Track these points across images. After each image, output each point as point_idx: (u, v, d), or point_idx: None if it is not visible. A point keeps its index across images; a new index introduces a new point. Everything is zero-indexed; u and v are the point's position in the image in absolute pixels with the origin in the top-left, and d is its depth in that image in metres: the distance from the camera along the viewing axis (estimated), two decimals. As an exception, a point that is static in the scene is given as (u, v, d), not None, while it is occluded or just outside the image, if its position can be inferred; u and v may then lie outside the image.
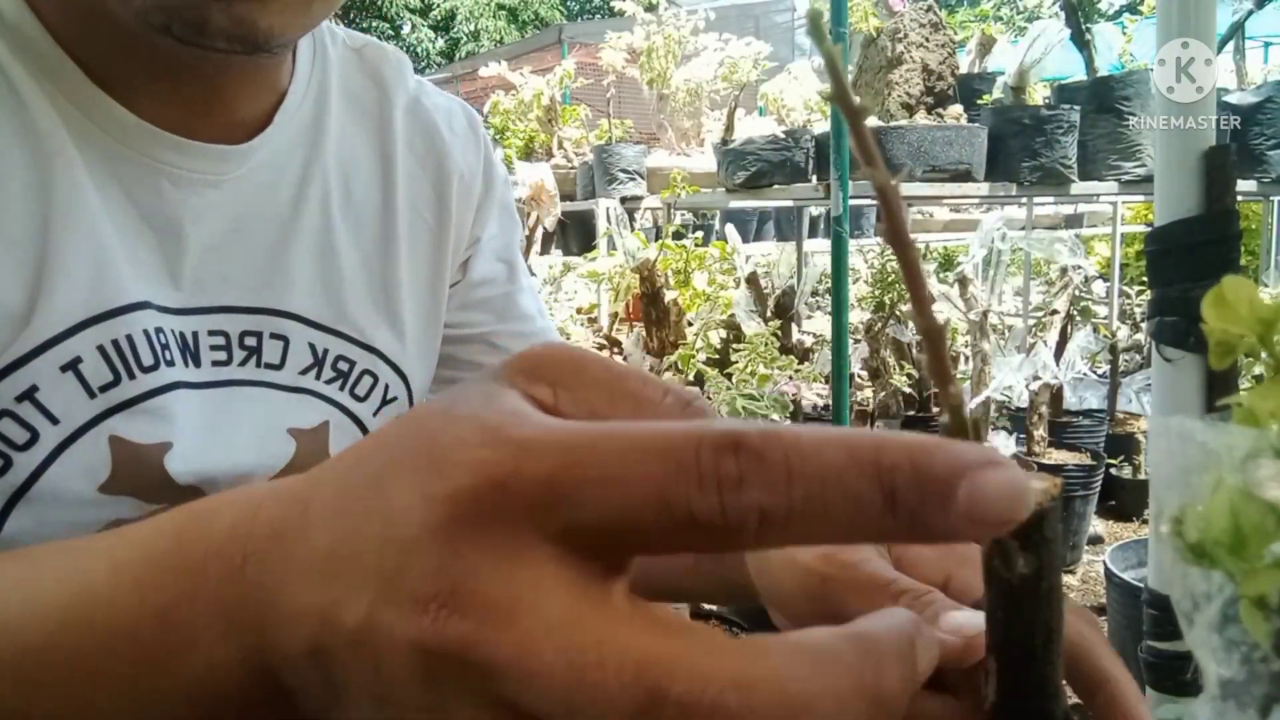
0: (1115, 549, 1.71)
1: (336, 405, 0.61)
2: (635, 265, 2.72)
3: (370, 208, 0.64)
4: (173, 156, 0.54)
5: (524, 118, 4.93)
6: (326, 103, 0.62)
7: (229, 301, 0.57)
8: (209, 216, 0.56)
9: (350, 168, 0.63)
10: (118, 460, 0.51)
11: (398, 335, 0.65)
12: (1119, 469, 2.84)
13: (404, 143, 0.66)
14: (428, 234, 0.66)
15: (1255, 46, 7.13)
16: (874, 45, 2.97)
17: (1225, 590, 0.21)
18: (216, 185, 0.56)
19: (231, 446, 0.56)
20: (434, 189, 0.67)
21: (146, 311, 0.53)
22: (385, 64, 0.67)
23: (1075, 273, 2.72)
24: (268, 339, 0.59)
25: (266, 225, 0.59)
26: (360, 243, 0.63)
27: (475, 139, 0.71)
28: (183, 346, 0.55)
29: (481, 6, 17.34)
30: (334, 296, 0.61)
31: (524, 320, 0.74)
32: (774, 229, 7.17)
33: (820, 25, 0.21)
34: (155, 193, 0.54)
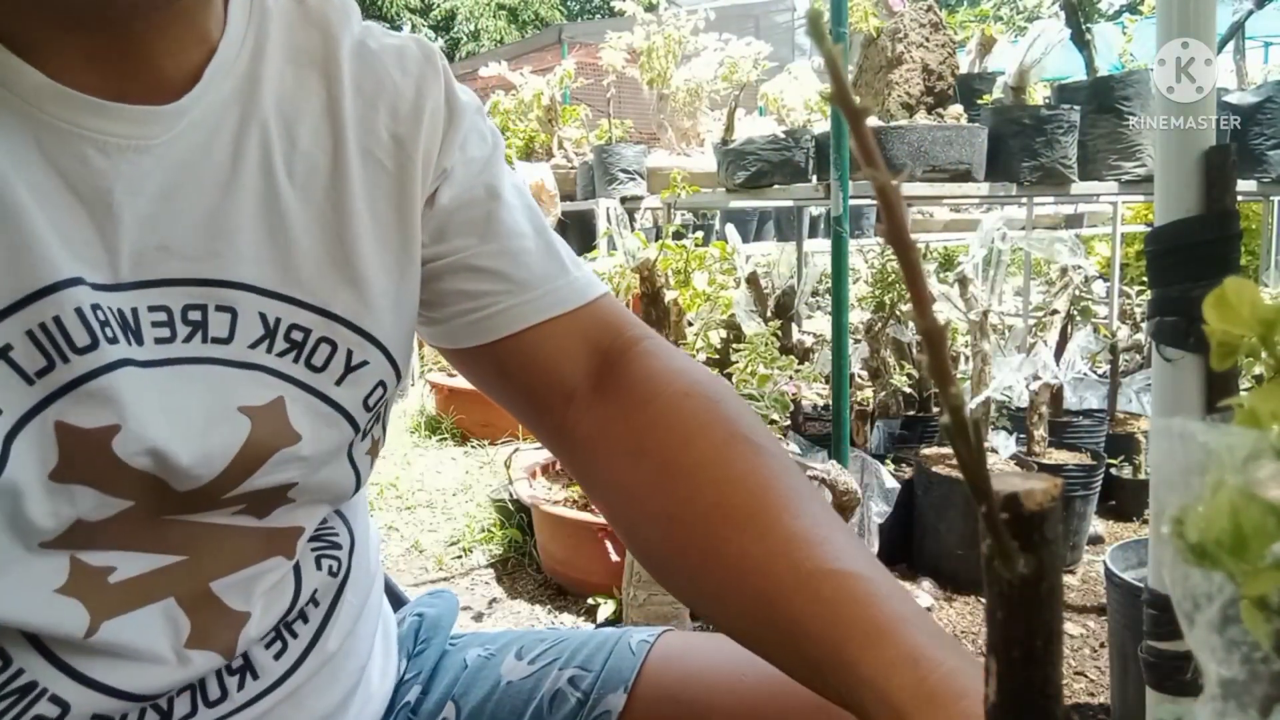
0: (1115, 549, 1.71)
1: (289, 379, 0.58)
2: (635, 265, 2.72)
3: (319, 160, 0.59)
4: (97, 122, 0.50)
5: (524, 118, 4.93)
6: (263, 55, 0.58)
7: (171, 274, 0.54)
8: (141, 185, 0.52)
9: (294, 120, 0.59)
10: (65, 447, 0.49)
11: (359, 295, 0.60)
12: (1119, 469, 2.84)
13: (351, 87, 0.61)
14: (387, 179, 0.62)
15: (1255, 46, 7.13)
16: (874, 45, 2.97)
17: (1226, 591, 0.21)
18: (146, 150, 0.52)
19: (180, 428, 0.53)
20: (389, 131, 0.62)
21: (78, 289, 0.49)
22: (329, 9, 0.63)
23: (1075, 273, 2.72)
24: (213, 312, 0.55)
25: (203, 190, 0.55)
26: (310, 199, 0.59)
27: (433, 71, 0.66)
28: (123, 324, 0.52)
29: (481, 6, 17.33)
30: (283, 260, 0.57)
31: (513, 237, 0.67)
32: (774, 229, 7.17)
33: (820, 25, 0.21)
34: (81, 162, 0.50)
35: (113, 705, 0.54)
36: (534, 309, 0.66)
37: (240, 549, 0.59)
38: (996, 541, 0.22)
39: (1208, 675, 0.22)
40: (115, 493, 0.52)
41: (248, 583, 0.59)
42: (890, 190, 0.20)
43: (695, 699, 0.65)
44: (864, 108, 0.20)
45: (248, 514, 0.59)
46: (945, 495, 2.39)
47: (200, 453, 0.53)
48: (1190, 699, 0.83)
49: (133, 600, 0.54)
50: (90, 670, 0.53)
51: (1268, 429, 0.22)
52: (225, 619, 0.58)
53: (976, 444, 0.21)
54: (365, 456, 0.66)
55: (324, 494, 0.63)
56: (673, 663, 0.68)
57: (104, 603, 0.53)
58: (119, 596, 0.54)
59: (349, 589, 0.67)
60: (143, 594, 0.55)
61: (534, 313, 0.66)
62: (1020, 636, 0.23)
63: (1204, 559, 0.21)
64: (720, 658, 0.67)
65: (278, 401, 0.57)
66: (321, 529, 0.66)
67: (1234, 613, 0.22)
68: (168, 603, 0.56)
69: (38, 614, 0.51)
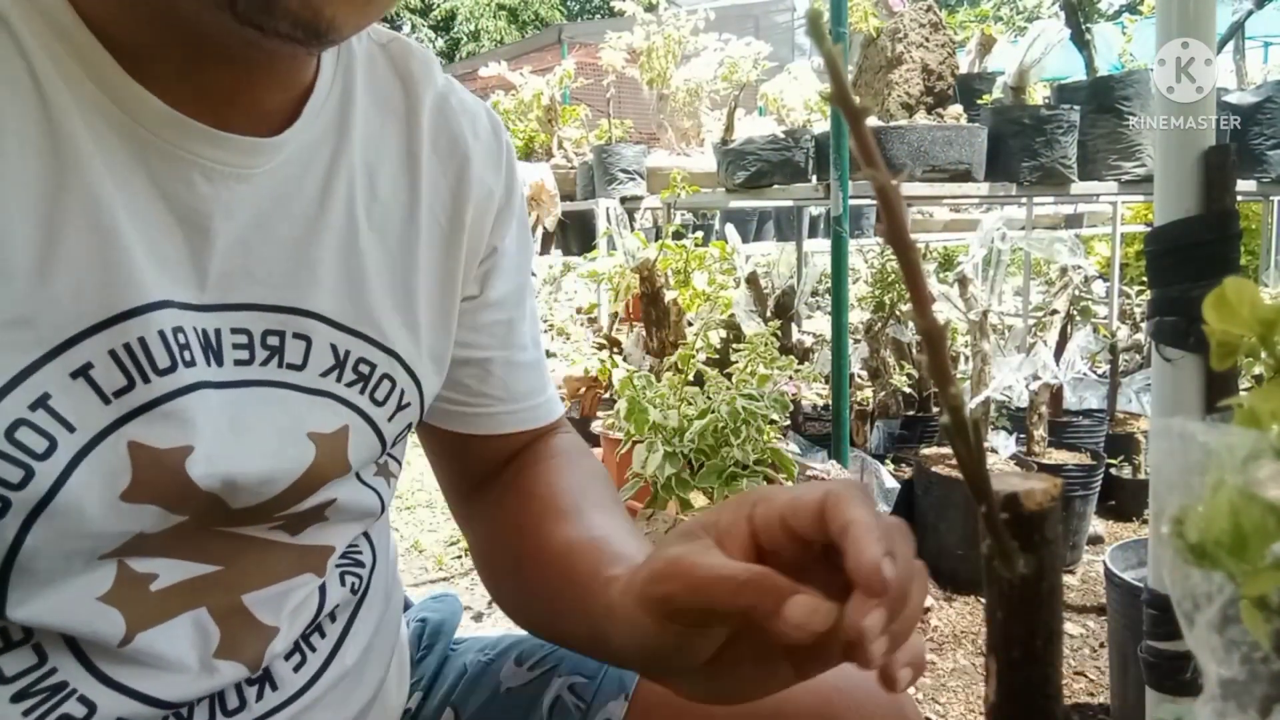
0: (1115, 549, 1.71)
1: (355, 410, 0.60)
2: (635, 265, 2.72)
3: (395, 207, 0.62)
4: (204, 148, 0.52)
5: (524, 118, 4.93)
6: (352, 98, 0.61)
7: (253, 299, 0.55)
8: (237, 211, 0.54)
9: (376, 165, 0.61)
10: (138, 466, 0.50)
11: (414, 339, 0.63)
12: (1119, 469, 2.84)
13: (429, 142, 0.64)
14: (440, 238, 0.64)
15: (1255, 46, 7.13)
16: (874, 45, 2.97)
17: (1226, 590, 0.21)
18: (246, 179, 0.54)
19: (252, 449, 0.54)
20: (451, 192, 0.65)
21: (166, 311, 0.51)
22: (412, 60, 0.65)
23: (1075, 273, 2.72)
24: (290, 338, 0.57)
25: (293, 221, 0.57)
26: (385, 242, 0.61)
27: (498, 145, 0.69)
28: (205, 344, 0.53)
29: (481, 6, 17.33)
30: (357, 297, 0.60)
31: (521, 349, 0.73)
32: (774, 229, 7.17)
33: (820, 25, 0.21)
34: (186, 185, 0.52)
35: (138, 710, 0.54)
36: (513, 420, 0.74)
37: (275, 565, 0.60)
38: (996, 541, 0.22)
39: (1208, 675, 0.22)
40: (179, 511, 0.52)
41: (278, 598, 0.60)
42: (890, 190, 0.20)
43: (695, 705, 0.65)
44: (864, 108, 0.20)
45: (282, 530, 0.60)
46: (945, 495, 2.39)
47: (267, 474, 0.55)
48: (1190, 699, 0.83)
49: (169, 610, 0.55)
50: (120, 676, 0.54)
51: (1268, 429, 0.22)
52: (255, 632, 0.58)
53: (976, 444, 0.21)
54: (377, 478, 0.67)
55: (354, 514, 0.65)
56: None
57: (142, 613, 0.53)
58: (157, 606, 0.54)
59: (366, 605, 0.68)
60: (178, 602, 0.55)
61: (511, 424, 0.74)
62: (1020, 636, 0.23)
63: (1204, 559, 0.21)
64: None
65: (343, 430, 0.59)
66: (348, 548, 0.67)
67: (1234, 613, 0.22)
68: (200, 612, 0.56)
69: (78, 620, 0.51)
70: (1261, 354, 0.24)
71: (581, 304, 3.79)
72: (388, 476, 0.69)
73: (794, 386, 2.36)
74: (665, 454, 1.75)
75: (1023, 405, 2.72)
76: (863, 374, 3.17)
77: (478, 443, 0.73)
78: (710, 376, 2.00)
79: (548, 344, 3.34)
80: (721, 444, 1.78)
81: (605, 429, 2.45)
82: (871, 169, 0.20)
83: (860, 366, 3.10)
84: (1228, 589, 0.21)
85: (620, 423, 1.92)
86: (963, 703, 1.85)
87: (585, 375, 3.03)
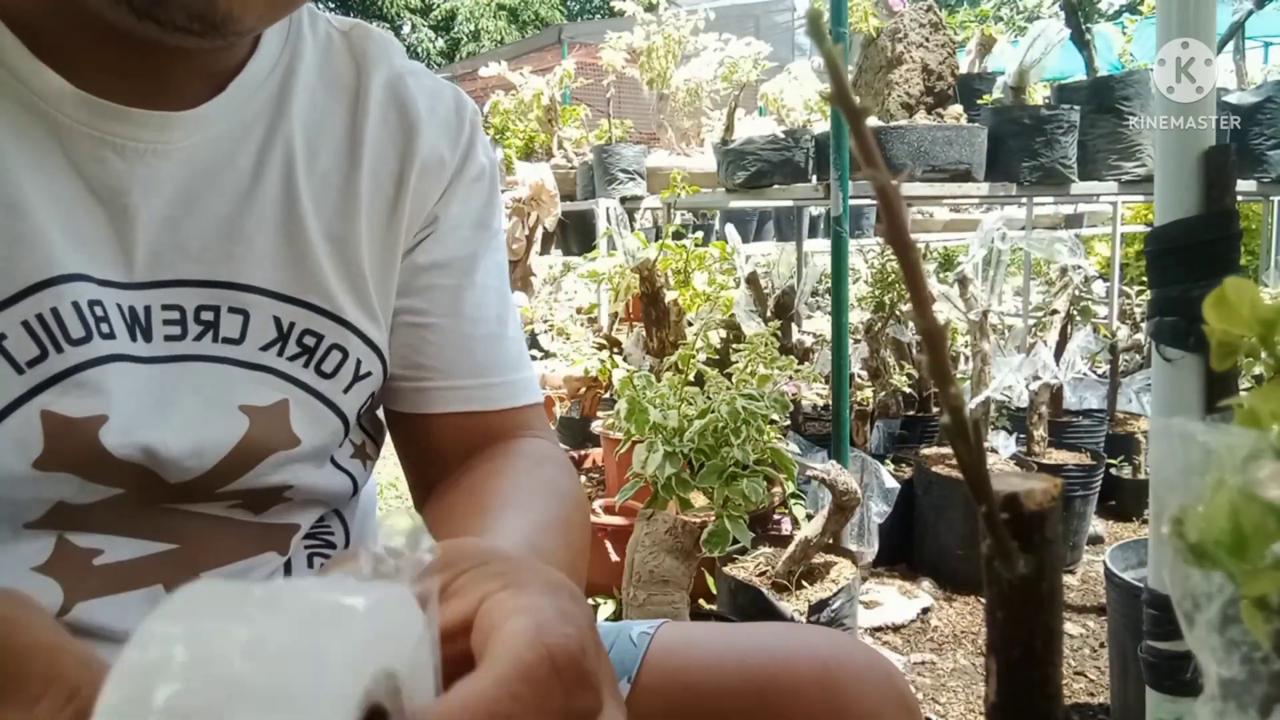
0: (1115, 549, 1.71)
1: (296, 383, 0.60)
2: (635, 265, 2.72)
3: (336, 178, 0.62)
4: (117, 126, 0.53)
5: (524, 118, 4.93)
6: (295, 77, 0.61)
7: (185, 275, 0.56)
8: (160, 188, 0.55)
9: (317, 140, 0.62)
10: (50, 435, 0.50)
11: (365, 306, 0.63)
12: (1119, 469, 2.84)
13: (377, 115, 0.64)
14: (385, 205, 0.64)
15: (1255, 46, 7.13)
16: (874, 45, 2.97)
17: (1226, 590, 0.21)
18: (165, 155, 0.55)
19: (174, 421, 0.54)
20: (398, 159, 0.65)
21: (81, 284, 0.51)
22: (370, 43, 0.66)
23: (1075, 273, 2.72)
24: (225, 313, 0.57)
25: (224, 196, 0.57)
26: (323, 212, 0.61)
27: (458, 122, 0.69)
28: (132, 320, 0.54)
29: (482, 6, 17.33)
30: (300, 266, 0.60)
31: (471, 322, 0.68)
32: (774, 229, 7.16)
33: (820, 25, 0.21)
34: (100, 164, 0.53)
35: None
36: (459, 398, 0.67)
37: (233, 544, 0.60)
38: (996, 541, 0.22)
39: (1208, 675, 0.22)
40: (102, 480, 0.53)
41: (238, 575, 0.60)
42: (890, 190, 0.20)
43: (700, 682, 0.65)
44: (864, 108, 0.20)
45: (243, 509, 0.60)
46: (945, 495, 2.39)
47: (191, 446, 0.55)
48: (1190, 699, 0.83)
49: (115, 584, 0.55)
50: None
51: (1268, 429, 0.22)
52: None
53: (976, 444, 0.21)
54: (353, 461, 0.67)
55: (320, 496, 0.64)
56: (674, 651, 0.69)
57: (83, 585, 0.54)
58: (100, 580, 0.55)
59: None
60: (129, 579, 0.56)
61: (458, 401, 0.67)
62: (1020, 636, 0.23)
63: (1204, 559, 0.21)
64: (721, 643, 0.68)
65: (282, 404, 0.59)
66: (317, 527, 0.67)
67: (1234, 613, 0.22)
68: (155, 589, 0.57)
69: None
70: (1261, 354, 0.24)
71: (581, 304, 3.79)
72: (364, 459, 0.69)
73: (794, 386, 2.36)
74: (665, 454, 1.75)
75: (1023, 405, 2.72)
76: (863, 374, 3.17)
77: (429, 425, 0.67)
78: (710, 376, 2.00)
79: (548, 344, 3.34)
80: (721, 444, 1.78)
81: (605, 429, 2.45)
82: (871, 169, 0.20)
83: (860, 366, 3.10)
84: (1228, 589, 0.21)
85: (620, 423, 1.92)
86: (963, 703, 1.85)
87: (585, 375, 3.03)
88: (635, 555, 1.69)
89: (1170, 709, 1.08)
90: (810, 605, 1.74)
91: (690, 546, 1.70)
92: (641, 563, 1.68)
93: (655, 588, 1.66)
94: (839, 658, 0.64)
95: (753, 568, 1.91)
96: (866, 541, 2.32)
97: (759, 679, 0.63)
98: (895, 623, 2.16)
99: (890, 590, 2.32)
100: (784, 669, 0.63)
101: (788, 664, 0.63)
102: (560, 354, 3.17)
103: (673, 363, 2.38)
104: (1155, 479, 1.17)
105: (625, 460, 1.95)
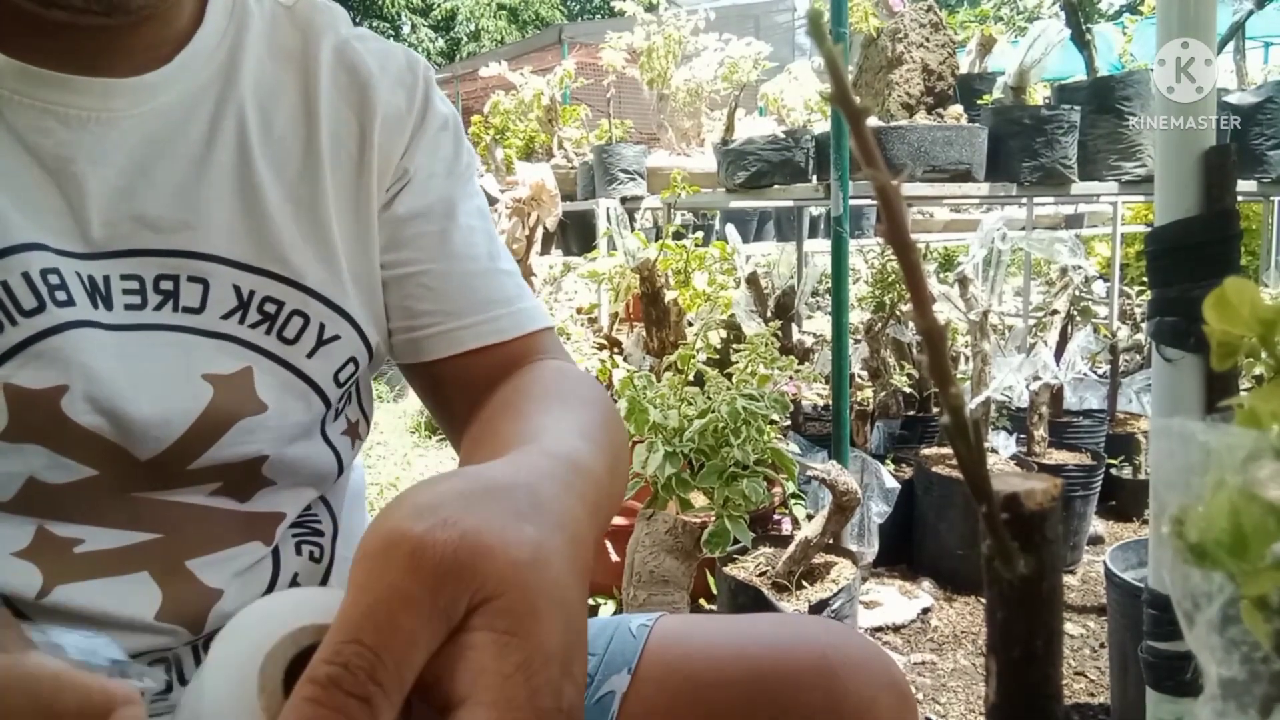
0: (1115, 549, 1.70)
1: (260, 350, 0.60)
2: (635, 265, 2.72)
3: (294, 142, 0.63)
4: (59, 95, 0.53)
5: (524, 118, 4.93)
6: (242, 47, 0.62)
7: (143, 244, 0.56)
8: (108, 156, 0.55)
9: (270, 107, 0.62)
10: (13, 408, 0.51)
11: (331, 270, 0.63)
12: (1119, 469, 2.84)
13: (328, 79, 0.65)
14: (350, 164, 0.65)
15: (1255, 46, 7.13)
16: (874, 45, 2.97)
17: (1226, 590, 0.21)
18: (110, 123, 0.55)
19: (138, 390, 0.54)
20: (356, 117, 0.65)
21: (34, 253, 0.51)
22: (316, 14, 0.67)
23: (1075, 273, 2.72)
24: (185, 282, 0.57)
25: (177, 165, 0.57)
26: (284, 178, 0.62)
27: (412, 78, 0.69)
28: (91, 290, 0.54)
29: (482, 6, 17.33)
30: (258, 234, 0.60)
31: (463, 260, 0.68)
32: (774, 229, 7.16)
33: (820, 25, 0.21)
34: (44, 134, 0.53)
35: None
36: (471, 335, 0.67)
37: (217, 532, 0.60)
38: (996, 541, 0.22)
39: (1208, 675, 0.22)
40: (70, 454, 0.53)
41: (223, 563, 0.60)
42: (890, 190, 0.20)
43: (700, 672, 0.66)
44: (864, 108, 0.20)
45: (227, 495, 0.60)
46: (945, 495, 2.39)
47: (157, 414, 0.55)
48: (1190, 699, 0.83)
49: (97, 570, 0.55)
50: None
51: (1268, 429, 0.22)
52: (197, 593, 0.59)
53: (976, 444, 0.21)
54: (343, 438, 0.67)
55: (302, 475, 0.64)
56: (674, 642, 0.69)
57: (62, 569, 0.54)
58: (82, 565, 0.55)
59: (334, 575, 0.68)
60: (112, 566, 0.56)
61: (470, 338, 0.67)
62: (1020, 636, 0.23)
63: (1204, 559, 0.21)
64: (720, 635, 0.68)
65: (245, 371, 0.59)
66: (304, 515, 0.67)
67: (1234, 613, 0.22)
68: (142, 575, 0.57)
69: None
70: (1261, 354, 0.24)
71: (581, 304, 3.78)
72: (354, 438, 0.69)
73: (794, 386, 2.36)
74: (665, 454, 1.75)
75: (1023, 405, 2.72)
76: (863, 374, 3.17)
77: (448, 370, 0.67)
78: (710, 376, 2.00)
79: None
80: (721, 444, 1.78)
81: (605, 429, 2.44)
82: (872, 169, 0.20)
83: (860, 366, 3.10)
84: (1228, 589, 0.21)
85: (620, 423, 1.91)
86: (963, 703, 1.85)
87: (585, 375, 3.02)
88: (635, 555, 1.69)
89: (1170, 709, 1.08)
90: (810, 605, 1.73)
91: (690, 546, 1.70)
92: (642, 563, 1.68)
93: (655, 588, 1.66)
94: (837, 647, 0.64)
95: (753, 568, 1.91)
96: (867, 541, 2.32)
97: (758, 669, 0.64)
98: (895, 623, 2.16)
99: (890, 590, 2.32)
100: (782, 659, 0.64)
101: (786, 654, 0.64)
102: (560, 354, 3.17)
103: (673, 363, 2.38)
104: (1155, 479, 1.17)
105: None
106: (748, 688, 0.63)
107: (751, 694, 0.63)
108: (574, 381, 0.64)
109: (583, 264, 3.57)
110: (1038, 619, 0.22)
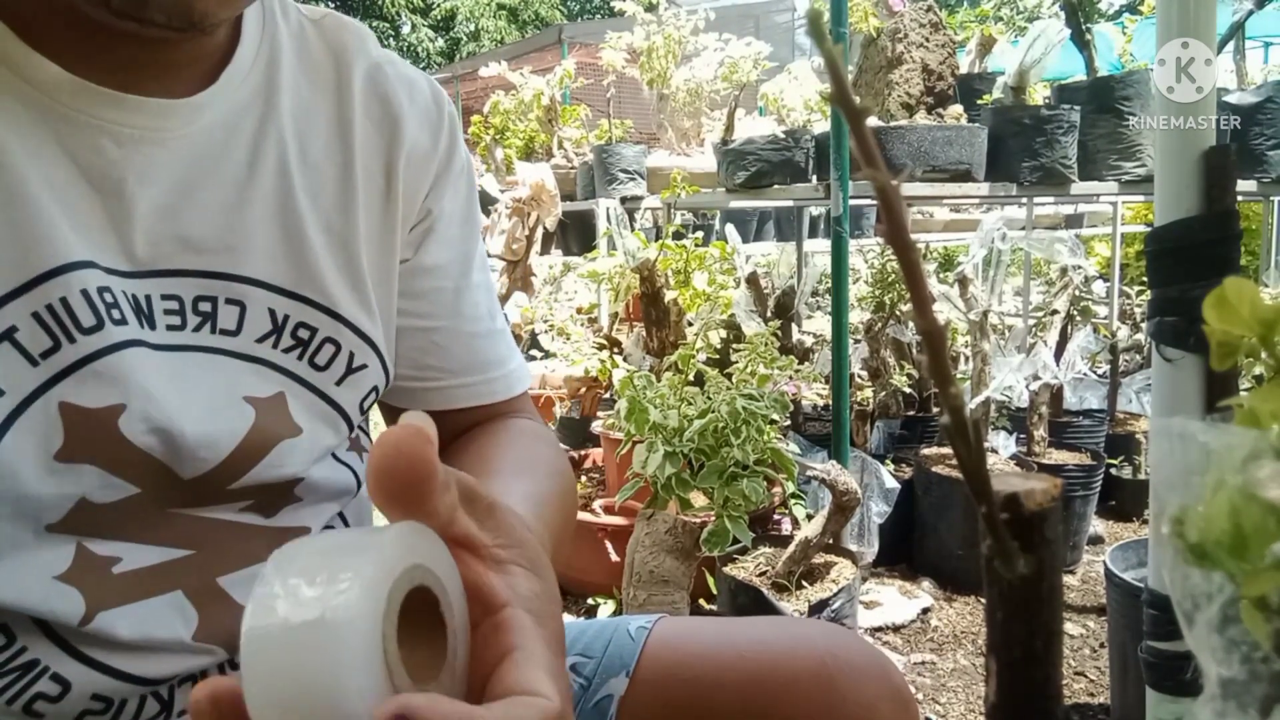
0: (1115, 549, 1.70)
1: (291, 376, 0.60)
2: (635, 265, 2.71)
3: (329, 170, 0.62)
4: (112, 113, 0.53)
5: (524, 118, 4.93)
6: (278, 68, 0.61)
7: (184, 265, 0.56)
8: (156, 176, 0.55)
9: (307, 133, 0.62)
10: (70, 426, 0.50)
11: (362, 300, 0.63)
12: (1119, 469, 2.84)
13: (361, 107, 0.65)
14: (379, 197, 0.65)
15: (1255, 46, 7.13)
16: (874, 45, 2.97)
17: (1226, 590, 0.21)
18: (160, 143, 0.55)
19: (190, 409, 0.54)
20: (386, 152, 0.65)
21: (89, 271, 0.51)
22: (345, 33, 0.66)
23: (1075, 273, 2.71)
24: (223, 304, 0.57)
25: (221, 186, 0.57)
26: (320, 205, 0.62)
27: (438, 114, 0.70)
28: (136, 309, 0.54)
29: (481, 6, 17.33)
30: (298, 259, 0.60)
31: (471, 320, 0.72)
32: (774, 229, 7.16)
33: (820, 25, 0.21)
34: (96, 152, 0.53)
35: (114, 687, 0.55)
36: (468, 394, 0.72)
37: (249, 548, 0.60)
38: (996, 541, 0.22)
39: (1208, 675, 0.22)
40: (121, 474, 0.53)
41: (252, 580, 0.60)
42: (890, 190, 0.20)
43: (699, 677, 0.66)
44: (864, 108, 0.20)
45: (255, 512, 0.60)
46: (945, 495, 2.39)
47: (206, 435, 0.55)
48: (1190, 699, 0.83)
49: (135, 592, 0.55)
50: (95, 653, 0.54)
51: (1268, 429, 0.22)
52: (230, 612, 0.59)
53: (976, 444, 0.21)
54: (349, 454, 0.68)
55: (328, 491, 0.65)
56: (672, 645, 0.69)
57: (103, 593, 0.54)
58: (120, 587, 0.54)
59: None
60: (148, 586, 0.56)
61: (466, 397, 0.72)
62: (1020, 636, 0.23)
63: (1204, 559, 0.21)
64: (719, 638, 0.68)
65: (279, 395, 0.59)
66: (325, 529, 0.67)
67: (1234, 613, 0.22)
68: (175, 595, 0.57)
69: (35, 599, 0.52)
70: (1261, 354, 0.24)
71: (581, 304, 3.78)
72: (360, 452, 0.69)
73: (794, 386, 2.36)
74: (665, 454, 1.75)
75: (1023, 405, 2.72)
76: (863, 374, 3.16)
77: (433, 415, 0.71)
78: (710, 376, 2.00)
79: (548, 344, 3.33)
80: (721, 444, 1.78)
81: (605, 429, 2.45)
82: (871, 169, 0.20)
83: (860, 366, 3.10)
84: (1228, 589, 0.21)
85: (620, 423, 1.92)
86: (963, 703, 1.85)
87: (585, 375, 3.02)
88: (635, 555, 1.69)
89: (1170, 709, 1.08)
90: (810, 605, 1.73)
91: (690, 546, 1.70)
92: (641, 563, 1.68)
93: (655, 588, 1.66)
94: (835, 651, 0.64)
95: (753, 568, 1.91)
96: (866, 541, 2.32)
97: (756, 672, 0.64)
98: (895, 623, 2.16)
99: (890, 590, 2.32)
100: (781, 662, 0.64)
101: (785, 657, 0.64)
102: (560, 354, 3.17)
103: (673, 363, 2.38)
104: (1155, 479, 1.17)
105: (625, 460, 1.95)
106: (746, 693, 0.63)
107: (750, 699, 0.63)
108: (543, 446, 0.70)
109: (583, 264, 3.57)
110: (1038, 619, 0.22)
